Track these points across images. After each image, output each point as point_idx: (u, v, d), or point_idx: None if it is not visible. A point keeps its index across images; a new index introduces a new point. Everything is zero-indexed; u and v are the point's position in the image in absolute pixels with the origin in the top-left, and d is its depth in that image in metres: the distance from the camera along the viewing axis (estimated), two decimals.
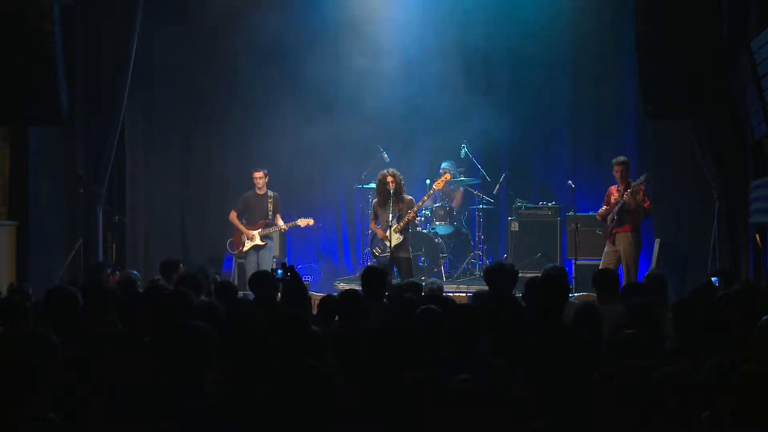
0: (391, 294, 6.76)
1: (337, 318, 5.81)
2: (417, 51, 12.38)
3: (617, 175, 10.10)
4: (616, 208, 9.94)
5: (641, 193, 9.94)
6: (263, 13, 12.25)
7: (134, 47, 10.64)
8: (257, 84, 12.72)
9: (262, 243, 11.19)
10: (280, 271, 6.02)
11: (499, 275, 6.48)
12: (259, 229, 11.19)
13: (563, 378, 3.45)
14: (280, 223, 11.27)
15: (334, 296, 6.09)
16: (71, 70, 10.12)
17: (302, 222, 11.28)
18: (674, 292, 10.01)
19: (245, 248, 11.21)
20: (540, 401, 3.47)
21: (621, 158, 10.17)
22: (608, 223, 10.05)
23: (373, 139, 12.29)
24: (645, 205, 9.92)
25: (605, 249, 10.11)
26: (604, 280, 6.56)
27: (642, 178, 9.87)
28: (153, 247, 12.29)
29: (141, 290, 7.31)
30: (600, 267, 9.59)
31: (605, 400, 3.50)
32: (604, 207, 10.20)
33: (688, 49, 9.32)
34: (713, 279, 8.05)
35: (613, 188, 10.22)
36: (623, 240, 9.94)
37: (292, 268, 5.97)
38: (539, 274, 7.17)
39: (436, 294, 6.60)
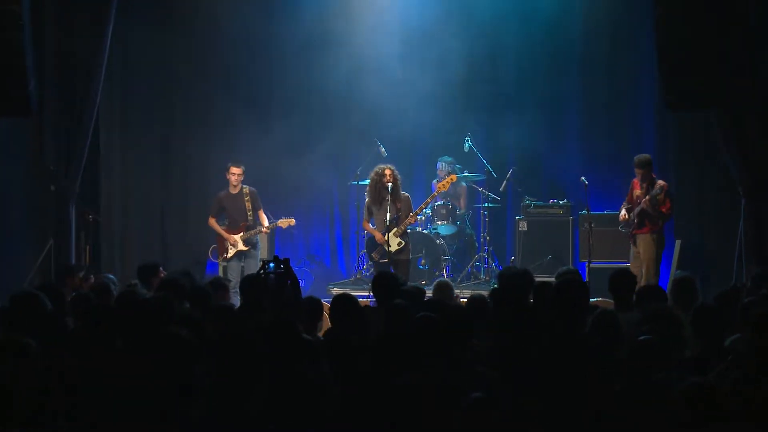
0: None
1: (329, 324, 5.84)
2: (417, 38, 12.37)
3: (638, 177, 10.14)
4: (636, 210, 9.99)
5: (662, 194, 9.96)
6: (249, 4, 12.27)
7: (109, 36, 10.62)
8: (242, 75, 12.71)
9: (246, 248, 11.10)
10: (272, 264, 5.99)
11: (516, 280, 6.53)
12: (241, 233, 11.11)
13: (580, 388, 3.47)
14: (265, 221, 11.21)
15: (317, 299, 6.14)
16: (41, 58, 10.10)
17: (283, 222, 11.20)
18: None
19: (230, 254, 11.12)
20: (552, 411, 3.50)
21: (642, 158, 10.13)
22: (631, 223, 10.13)
23: (370, 132, 12.28)
24: (663, 210, 9.95)
25: (631, 250, 10.19)
26: (619, 282, 6.54)
27: (657, 189, 9.88)
28: (130, 249, 12.27)
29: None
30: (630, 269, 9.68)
31: (623, 412, 3.52)
32: (625, 209, 10.24)
33: (713, 33, 9.31)
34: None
35: (636, 181, 10.25)
36: (643, 240, 10.01)
37: (286, 262, 5.95)
38: (552, 279, 7.20)
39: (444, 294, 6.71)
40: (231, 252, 11.09)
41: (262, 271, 6.16)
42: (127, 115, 12.45)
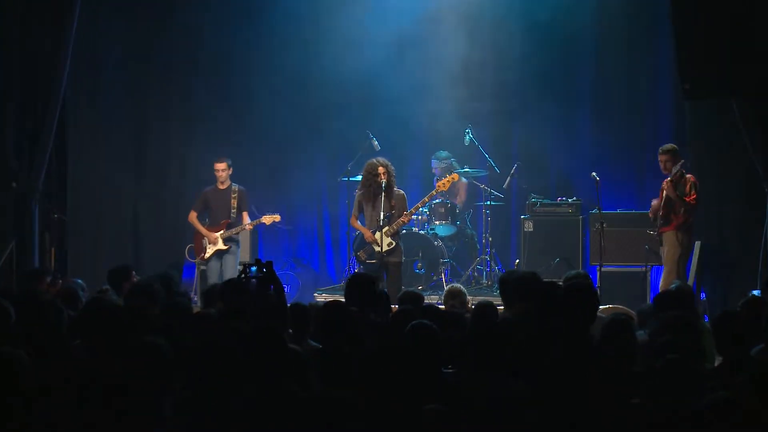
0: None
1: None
2: (414, 22, 12.34)
3: (661, 167, 10.16)
4: (662, 204, 10.02)
5: (688, 185, 9.97)
6: None
7: (74, 26, 10.60)
8: (222, 63, 12.68)
9: (225, 247, 11.15)
10: (254, 268, 6.00)
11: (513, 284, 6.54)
12: (222, 231, 11.16)
13: (591, 404, 3.46)
14: (247, 221, 11.24)
15: (304, 305, 6.14)
16: (2, 50, 10.07)
17: (267, 219, 11.24)
18: (719, 303, 10.08)
19: (208, 254, 11.16)
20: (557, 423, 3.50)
21: (666, 146, 10.19)
22: (657, 221, 10.15)
23: (361, 124, 12.26)
24: (687, 199, 9.94)
25: (661, 253, 10.23)
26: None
27: (676, 168, 9.88)
28: (100, 251, 12.24)
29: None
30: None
31: (639, 426, 3.52)
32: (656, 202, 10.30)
33: (735, 16, 9.31)
34: (755, 292, 8.07)
35: (666, 180, 10.27)
36: (668, 239, 10.03)
37: (269, 265, 5.95)
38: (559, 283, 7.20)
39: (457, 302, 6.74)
40: (209, 251, 11.14)
41: (243, 276, 6.15)
42: (97, 107, 12.42)
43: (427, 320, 5.08)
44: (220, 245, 11.17)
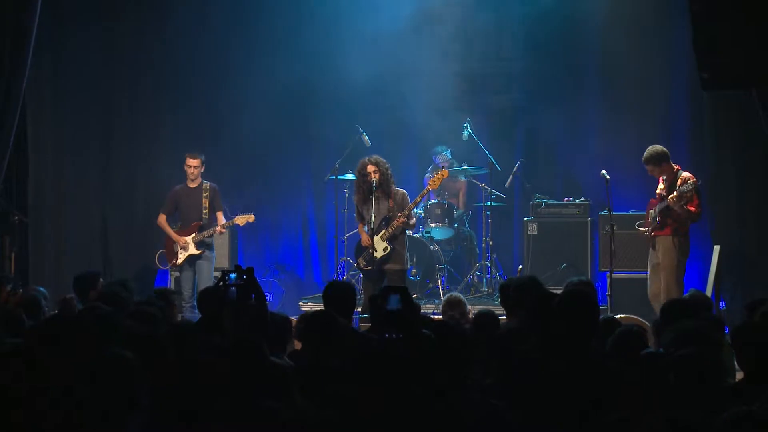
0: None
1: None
2: (407, 6, 12.34)
3: (653, 174, 10.13)
4: (658, 207, 9.99)
5: (691, 190, 9.95)
6: None
7: (36, 22, 10.59)
8: (196, 55, 12.69)
9: (198, 252, 11.08)
10: (233, 275, 5.99)
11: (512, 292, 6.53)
12: (193, 234, 11.09)
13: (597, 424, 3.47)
14: (223, 222, 11.18)
15: (284, 316, 6.13)
16: None
17: (240, 220, 11.18)
18: (739, 313, 10.08)
19: (180, 260, 11.10)
20: None
21: (649, 153, 10.06)
22: (649, 220, 10.12)
23: (351, 118, 12.25)
24: (691, 209, 9.93)
25: (649, 256, 10.17)
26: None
27: (689, 185, 9.86)
28: (65, 256, 12.22)
29: (50, 311, 7.29)
30: (648, 281, 9.84)
31: None
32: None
33: (756, 3, 9.33)
34: None
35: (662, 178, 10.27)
36: (663, 244, 9.98)
37: (250, 271, 5.95)
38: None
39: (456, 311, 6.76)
40: (181, 257, 11.08)
41: (221, 283, 6.14)
42: (59, 98, 12.39)
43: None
44: (192, 250, 11.09)
